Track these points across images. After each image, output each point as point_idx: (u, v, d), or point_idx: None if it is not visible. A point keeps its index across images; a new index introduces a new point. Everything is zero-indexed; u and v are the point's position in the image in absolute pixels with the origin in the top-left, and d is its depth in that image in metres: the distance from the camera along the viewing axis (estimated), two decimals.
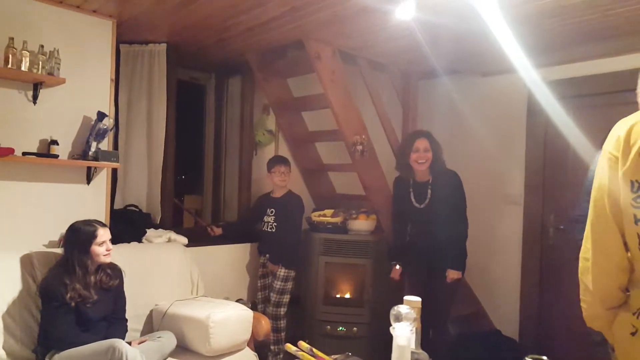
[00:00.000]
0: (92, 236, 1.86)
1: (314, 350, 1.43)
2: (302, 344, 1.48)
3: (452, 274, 2.37)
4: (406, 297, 0.91)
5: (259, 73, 3.03)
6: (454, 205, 2.41)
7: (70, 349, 1.71)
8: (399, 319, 0.81)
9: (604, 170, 0.92)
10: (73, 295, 1.77)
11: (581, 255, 0.96)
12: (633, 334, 0.89)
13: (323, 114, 3.04)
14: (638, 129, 0.88)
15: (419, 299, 0.91)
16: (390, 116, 3.13)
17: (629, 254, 0.91)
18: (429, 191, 2.44)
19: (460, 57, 2.85)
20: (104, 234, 1.89)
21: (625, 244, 0.90)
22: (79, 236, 1.86)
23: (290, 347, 1.48)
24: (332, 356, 1.34)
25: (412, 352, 0.84)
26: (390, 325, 0.78)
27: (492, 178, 3.17)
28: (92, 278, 1.86)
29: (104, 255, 1.89)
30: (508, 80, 3.02)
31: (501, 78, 3.10)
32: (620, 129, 0.91)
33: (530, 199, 2.97)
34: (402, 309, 0.82)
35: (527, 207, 2.98)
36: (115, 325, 1.94)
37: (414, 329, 0.82)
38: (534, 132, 2.96)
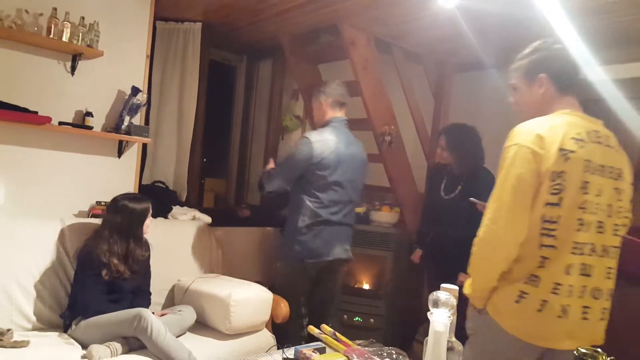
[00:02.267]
0: (149, 209, 1.92)
1: (337, 334, 1.42)
2: (325, 327, 1.47)
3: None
4: (443, 285, 0.89)
5: (291, 57, 3.00)
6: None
7: (97, 316, 1.75)
8: (437, 304, 0.78)
9: (523, 162, 1.06)
10: (112, 268, 1.81)
11: (484, 235, 1.09)
12: (517, 301, 1.07)
13: (352, 102, 2.98)
14: (556, 130, 1.06)
15: (456, 287, 0.88)
16: (421, 108, 3.06)
17: None
18: (460, 186, 2.37)
19: (505, 48, 2.71)
20: None
21: None
22: (139, 209, 1.90)
23: (313, 330, 1.48)
24: (356, 341, 1.32)
25: (447, 340, 0.82)
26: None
27: None
28: (136, 250, 1.90)
29: (148, 227, 1.94)
30: None
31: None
32: (537, 128, 1.07)
33: None
34: (442, 295, 0.79)
35: None
36: (141, 297, 1.97)
37: (452, 316, 0.80)
38: None
